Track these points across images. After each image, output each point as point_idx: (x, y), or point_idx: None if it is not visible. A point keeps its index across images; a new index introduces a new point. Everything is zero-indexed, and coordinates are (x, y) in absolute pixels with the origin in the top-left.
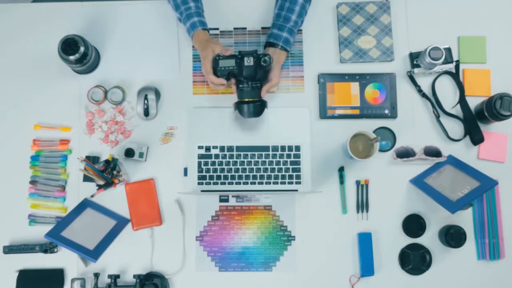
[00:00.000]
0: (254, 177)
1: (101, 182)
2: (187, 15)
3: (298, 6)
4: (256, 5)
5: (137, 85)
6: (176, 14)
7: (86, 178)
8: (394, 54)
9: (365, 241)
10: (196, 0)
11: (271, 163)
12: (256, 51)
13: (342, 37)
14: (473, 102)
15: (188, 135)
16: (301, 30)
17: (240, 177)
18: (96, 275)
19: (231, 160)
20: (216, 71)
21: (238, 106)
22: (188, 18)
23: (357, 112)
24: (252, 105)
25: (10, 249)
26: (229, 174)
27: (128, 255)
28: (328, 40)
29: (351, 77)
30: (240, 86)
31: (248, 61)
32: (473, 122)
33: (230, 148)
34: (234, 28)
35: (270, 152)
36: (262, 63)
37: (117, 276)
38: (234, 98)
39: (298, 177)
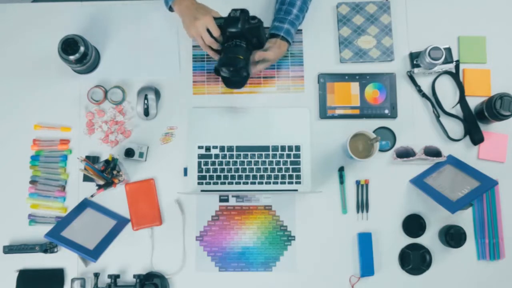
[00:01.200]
0: (254, 177)
1: (101, 182)
2: None
3: (299, 1)
4: (256, 5)
5: (137, 85)
6: None
7: (86, 178)
8: (394, 54)
9: (365, 241)
10: None
11: (271, 163)
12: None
13: (342, 37)
14: (473, 102)
15: (188, 135)
16: (301, 30)
17: (240, 177)
18: (96, 275)
19: (231, 160)
20: None
21: (219, 61)
22: None
23: (357, 112)
24: (230, 57)
25: (10, 249)
26: (229, 174)
27: (128, 255)
28: (328, 40)
29: (351, 77)
30: (226, 44)
31: (235, 13)
32: (473, 122)
33: (230, 148)
34: None
35: (270, 152)
36: (251, 20)
37: (117, 276)
38: (234, 98)
39: (298, 177)
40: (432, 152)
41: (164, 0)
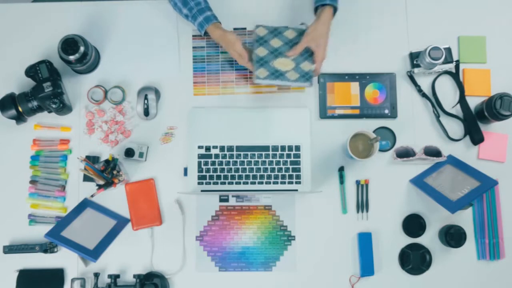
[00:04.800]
0: (254, 177)
1: (101, 182)
2: (198, 10)
3: None
4: (256, 5)
5: (137, 85)
6: (183, 11)
7: (86, 178)
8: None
9: (365, 241)
10: None
11: (271, 163)
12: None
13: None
14: (473, 102)
15: (188, 135)
16: None
17: (240, 177)
18: (96, 275)
19: (231, 160)
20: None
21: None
22: (200, 13)
23: (357, 112)
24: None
25: (10, 249)
26: (229, 174)
27: (128, 255)
28: (329, 39)
29: (351, 77)
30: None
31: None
32: (473, 122)
33: (230, 148)
34: (234, 28)
35: (270, 152)
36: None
37: (117, 276)
38: (234, 98)
39: (298, 177)
40: (432, 152)
41: (199, 25)
